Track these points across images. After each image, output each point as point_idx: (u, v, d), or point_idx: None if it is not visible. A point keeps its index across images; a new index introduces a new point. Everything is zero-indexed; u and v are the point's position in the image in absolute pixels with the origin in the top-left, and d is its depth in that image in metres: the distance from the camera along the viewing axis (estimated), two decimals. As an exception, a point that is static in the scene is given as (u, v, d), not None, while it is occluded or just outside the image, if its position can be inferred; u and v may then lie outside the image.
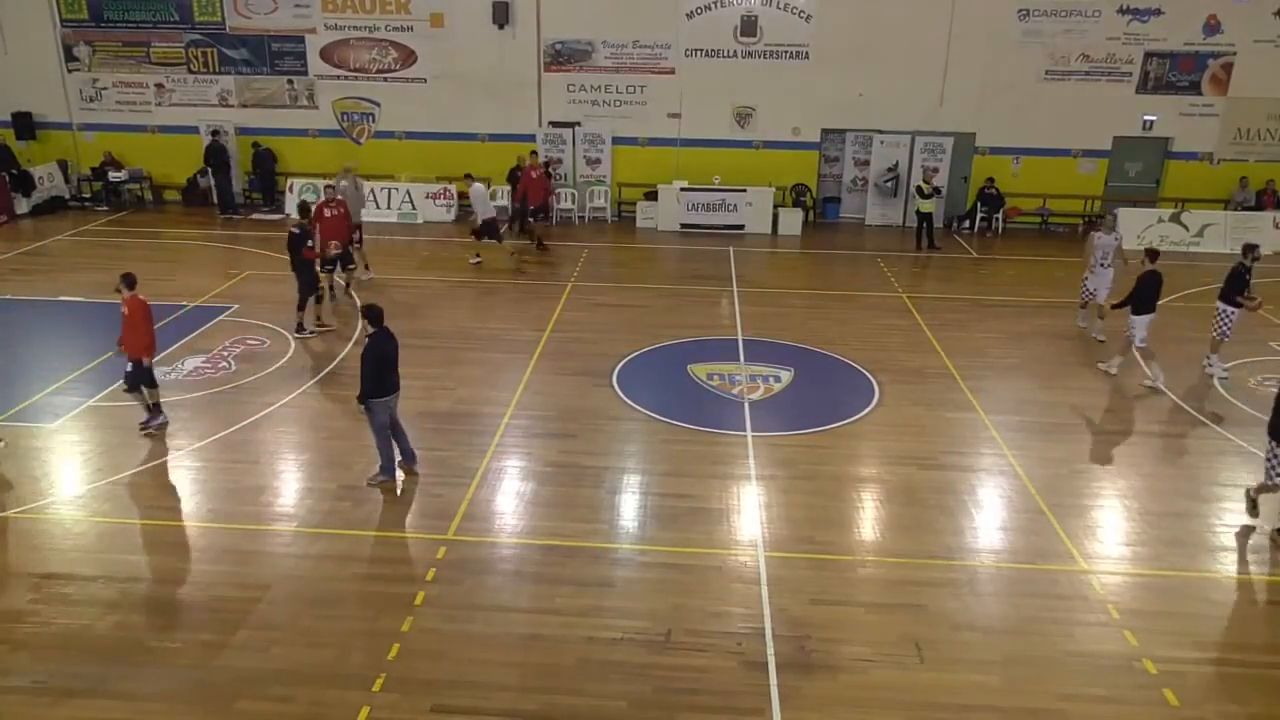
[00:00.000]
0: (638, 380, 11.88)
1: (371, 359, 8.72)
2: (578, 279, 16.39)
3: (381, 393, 8.83)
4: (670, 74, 20.25)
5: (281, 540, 8.29)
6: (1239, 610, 7.62)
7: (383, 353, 8.77)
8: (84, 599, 7.39)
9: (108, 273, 16.03)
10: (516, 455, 9.91)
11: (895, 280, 16.73)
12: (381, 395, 8.84)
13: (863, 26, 19.47)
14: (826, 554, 8.16)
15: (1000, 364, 12.75)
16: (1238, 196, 19.99)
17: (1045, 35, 19.46)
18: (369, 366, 8.72)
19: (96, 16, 20.68)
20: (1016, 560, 8.22)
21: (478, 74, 20.42)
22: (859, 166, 21.09)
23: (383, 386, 8.84)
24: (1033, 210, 20.80)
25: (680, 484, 9.31)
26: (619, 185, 21.08)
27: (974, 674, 6.73)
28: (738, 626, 7.17)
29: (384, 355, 8.79)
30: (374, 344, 8.78)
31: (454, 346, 13.01)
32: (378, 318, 8.84)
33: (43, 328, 13.40)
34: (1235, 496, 9.22)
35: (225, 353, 12.53)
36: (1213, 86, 19.66)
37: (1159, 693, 6.57)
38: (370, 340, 8.82)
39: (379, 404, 8.84)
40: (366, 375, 8.74)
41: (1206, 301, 13.59)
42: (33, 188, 20.38)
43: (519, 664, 6.74)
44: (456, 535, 8.35)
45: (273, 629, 7.08)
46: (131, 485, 9.13)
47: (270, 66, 20.87)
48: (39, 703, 6.31)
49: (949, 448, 10.25)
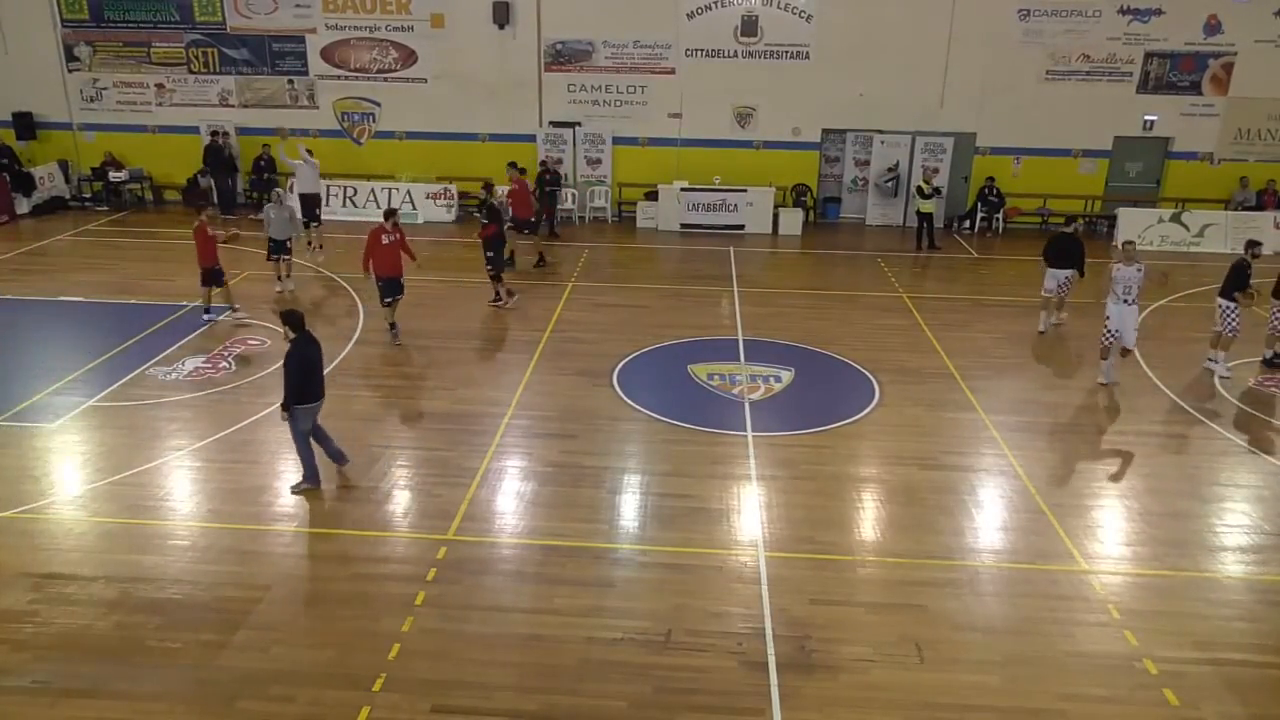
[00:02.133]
0: (638, 380, 11.88)
1: (294, 365, 8.55)
2: (578, 279, 16.38)
3: (305, 399, 8.69)
4: (670, 74, 20.25)
5: (281, 540, 8.29)
6: (1239, 610, 7.61)
7: (305, 358, 8.63)
8: (84, 599, 7.39)
9: (108, 273, 16.16)
10: (517, 455, 9.91)
11: (896, 280, 16.73)
12: (305, 401, 8.70)
13: (863, 26, 19.47)
14: (827, 554, 8.16)
15: (1001, 364, 12.74)
16: (1238, 196, 19.98)
17: (1046, 35, 19.46)
18: (292, 373, 8.55)
19: (97, 16, 20.68)
20: (1017, 560, 8.21)
21: (478, 74, 20.43)
22: (859, 166, 21.09)
23: (307, 392, 8.69)
24: (1033, 210, 20.80)
25: (680, 484, 9.31)
26: (619, 185, 21.08)
27: (974, 674, 6.72)
28: (738, 626, 7.17)
29: (306, 361, 8.64)
30: (296, 350, 8.61)
31: (454, 346, 13.01)
32: (299, 323, 8.70)
33: (43, 328, 13.40)
34: (1235, 496, 9.23)
35: (225, 353, 12.53)
36: (1213, 86, 19.66)
37: (1159, 693, 6.57)
38: (292, 346, 8.64)
39: (303, 411, 8.71)
40: (290, 382, 8.57)
41: (1206, 301, 13.61)
42: (33, 188, 20.38)
43: (519, 664, 6.74)
44: (457, 535, 8.35)
45: (273, 629, 7.08)
46: (131, 485, 9.12)
47: (271, 66, 20.87)
48: (39, 703, 6.31)
49: (949, 448, 10.24)
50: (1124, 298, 11.63)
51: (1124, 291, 11.62)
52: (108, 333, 13.00)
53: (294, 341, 8.69)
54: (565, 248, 18.54)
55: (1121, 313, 11.62)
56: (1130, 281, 11.60)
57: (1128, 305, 11.62)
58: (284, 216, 14.79)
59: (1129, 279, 11.62)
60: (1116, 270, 11.72)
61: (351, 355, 12.55)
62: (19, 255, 17.28)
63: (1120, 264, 11.73)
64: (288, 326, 8.72)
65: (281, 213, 14.75)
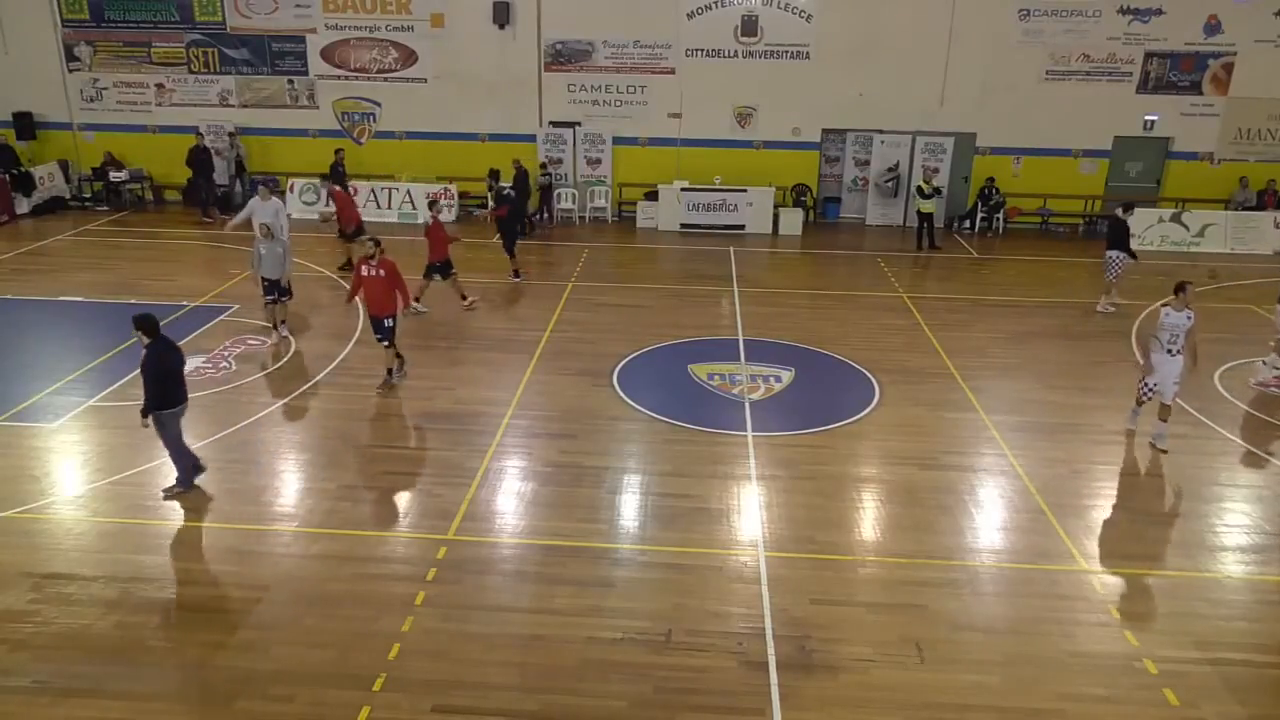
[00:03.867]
0: (638, 380, 11.88)
1: (151, 370, 8.40)
2: (578, 279, 16.38)
3: (168, 404, 8.52)
4: (670, 74, 20.25)
5: (281, 540, 8.28)
6: (1239, 610, 7.61)
7: (161, 363, 8.46)
8: (84, 599, 7.39)
9: (108, 273, 16.16)
10: (517, 455, 9.90)
11: (896, 280, 16.73)
12: (168, 406, 8.53)
13: (863, 26, 19.47)
14: (827, 554, 8.16)
15: (1001, 364, 12.74)
16: (1238, 196, 19.98)
17: (1046, 35, 19.45)
18: (149, 379, 8.40)
19: (97, 16, 20.69)
20: (1017, 560, 8.21)
21: (478, 74, 20.43)
22: (859, 166, 21.08)
23: (169, 397, 8.53)
24: (1033, 210, 20.79)
25: (681, 484, 9.31)
26: (619, 185, 21.08)
27: (974, 674, 6.72)
28: (738, 626, 7.17)
29: (162, 366, 8.46)
30: (152, 355, 8.44)
31: (454, 346, 13.01)
32: (152, 328, 8.49)
33: (43, 328, 13.40)
34: (1235, 496, 9.23)
35: (225, 353, 12.52)
36: (1213, 86, 19.65)
37: (1159, 693, 6.57)
38: (148, 351, 8.46)
39: (169, 415, 8.55)
40: (149, 388, 8.42)
41: (1206, 301, 13.60)
42: (33, 188, 20.37)
43: (519, 664, 6.74)
44: (457, 535, 8.35)
45: (273, 629, 7.08)
46: (131, 485, 9.12)
47: (271, 66, 20.87)
48: (39, 703, 6.31)
49: (949, 448, 10.24)
50: (1169, 347, 9.91)
51: (1170, 340, 9.89)
52: (108, 333, 12.98)
53: (149, 347, 8.46)
54: (565, 248, 18.54)
55: (1164, 364, 9.96)
56: (1179, 329, 9.85)
57: (1171, 356, 9.93)
58: (276, 252, 12.31)
59: (1177, 326, 9.87)
60: (1166, 315, 9.92)
61: (351, 355, 12.54)
62: (19, 255, 17.28)
63: (1170, 308, 9.92)
64: (141, 332, 8.46)
65: (274, 247, 12.32)
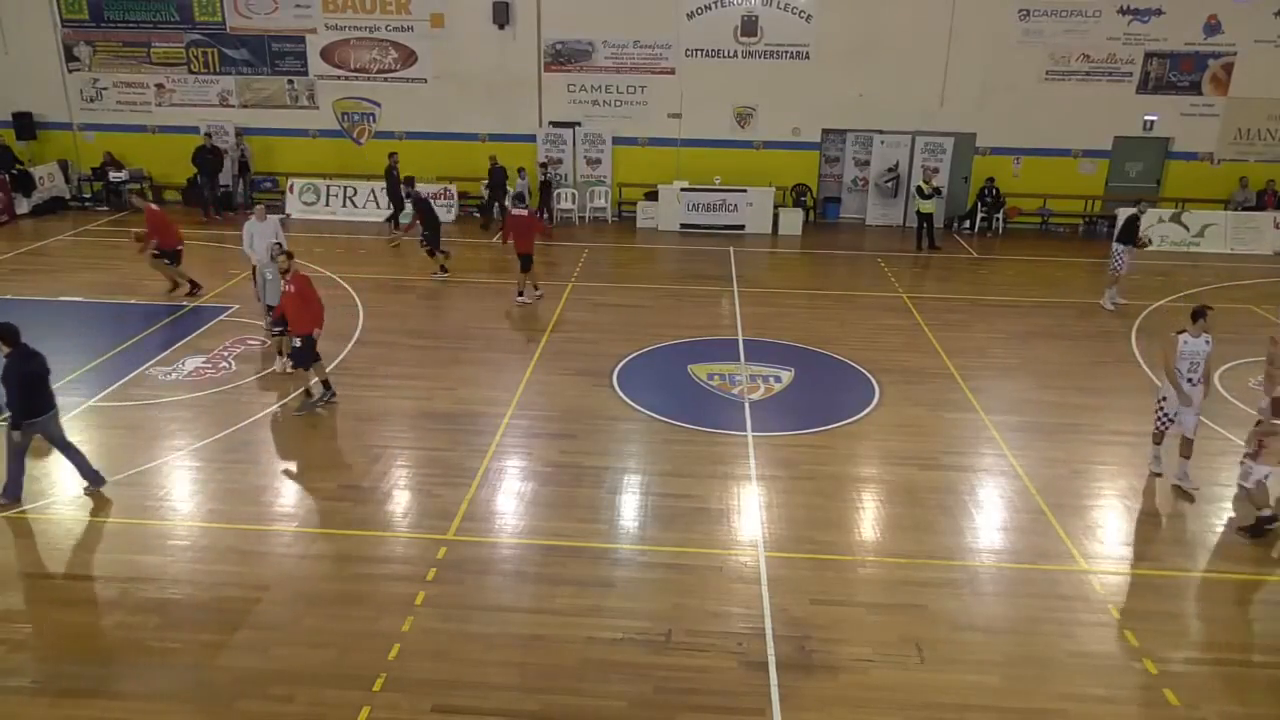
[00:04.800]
0: (638, 380, 11.88)
1: (14, 380, 8.17)
2: (578, 279, 16.38)
3: (34, 413, 8.31)
4: (670, 74, 20.25)
5: (281, 540, 8.28)
6: (1239, 610, 7.61)
7: (24, 371, 8.22)
8: (84, 599, 7.39)
9: (108, 273, 16.14)
10: (517, 455, 9.90)
11: (895, 280, 16.73)
12: (35, 415, 8.32)
13: (863, 26, 19.47)
14: (827, 554, 8.16)
15: (1001, 364, 12.74)
16: (1238, 196, 19.98)
17: (1045, 35, 19.45)
18: (13, 389, 8.18)
19: (97, 16, 20.68)
20: (1017, 560, 8.21)
21: (478, 74, 20.42)
22: (859, 166, 21.08)
23: (35, 406, 8.31)
24: (1033, 210, 20.79)
25: (681, 484, 9.31)
26: (619, 185, 21.08)
27: (974, 674, 6.72)
28: (738, 626, 7.17)
29: (26, 374, 8.23)
30: (14, 364, 8.21)
31: (454, 346, 13.01)
32: (13, 337, 8.29)
33: (43, 328, 13.31)
34: (1235, 496, 9.21)
35: (225, 353, 12.52)
36: (1213, 86, 19.65)
37: (1159, 693, 6.57)
38: (9, 360, 8.25)
39: (32, 425, 8.35)
40: (13, 398, 8.22)
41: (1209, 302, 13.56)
42: (33, 188, 20.37)
43: (519, 664, 6.74)
44: (457, 535, 8.35)
45: (273, 629, 7.08)
46: (131, 485, 9.12)
47: (271, 67, 20.87)
48: (39, 703, 6.30)
49: (949, 448, 10.24)
50: (1189, 375, 9.14)
51: (1190, 369, 9.13)
52: (108, 333, 13.00)
53: (9, 356, 8.28)
54: (565, 248, 18.54)
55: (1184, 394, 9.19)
56: (1199, 356, 9.10)
57: (1192, 385, 9.19)
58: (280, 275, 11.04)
59: (1197, 354, 9.11)
60: (1184, 343, 9.11)
61: (351, 355, 12.55)
62: (19, 255, 17.28)
63: (1188, 335, 9.14)
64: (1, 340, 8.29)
65: (276, 271, 11.26)
